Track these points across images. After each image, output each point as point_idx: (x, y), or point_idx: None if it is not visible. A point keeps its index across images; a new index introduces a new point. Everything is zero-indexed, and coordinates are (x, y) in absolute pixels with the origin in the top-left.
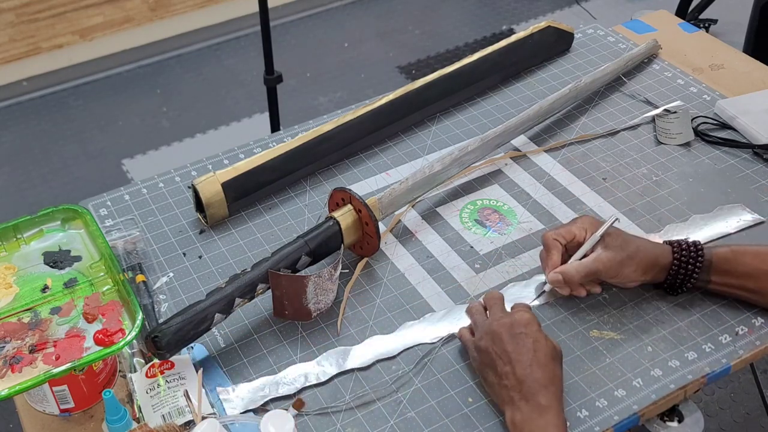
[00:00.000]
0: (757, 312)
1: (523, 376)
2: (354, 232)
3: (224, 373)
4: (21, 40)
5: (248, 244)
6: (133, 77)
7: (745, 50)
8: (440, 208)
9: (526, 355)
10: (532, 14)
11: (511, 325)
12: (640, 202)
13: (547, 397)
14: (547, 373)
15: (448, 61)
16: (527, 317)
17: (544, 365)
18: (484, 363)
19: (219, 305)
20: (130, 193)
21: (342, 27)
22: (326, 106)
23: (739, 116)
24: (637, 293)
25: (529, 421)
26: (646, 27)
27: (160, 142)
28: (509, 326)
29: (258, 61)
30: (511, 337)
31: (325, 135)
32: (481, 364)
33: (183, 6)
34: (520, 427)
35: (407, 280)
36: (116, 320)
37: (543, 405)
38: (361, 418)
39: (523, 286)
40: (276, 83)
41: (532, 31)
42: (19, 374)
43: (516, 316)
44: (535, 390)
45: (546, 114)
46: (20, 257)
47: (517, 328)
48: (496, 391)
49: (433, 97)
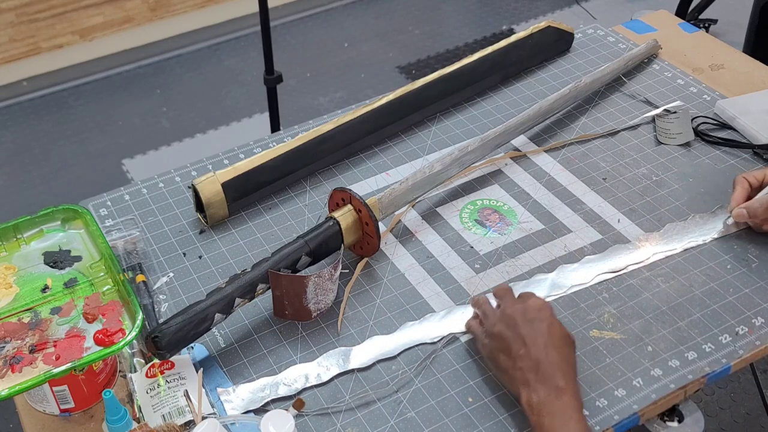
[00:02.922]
0: (757, 312)
1: (538, 357)
2: (354, 232)
3: (224, 373)
4: (21, 40)
5: (248, 244)
6: (133, 77)
7: (745, 50)
8: (440, 208)
9: (541, 338)
10: (532, 14)
11: (525, 310)
12: (640, 202)
13: (564, 379)
14: (562, 355)
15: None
16: (540, 303)
17: (559, 348)
18: (497, 348)
19: (219, 305)
20: (130, 193)
21: (342, 27)
22: (326, 106)
23: (739, 116)
24: (637, 293)
25: (547, 402)
26: (646, 27)
27: (160, 142)
28: (523, 311)
29: (258, 61)
30: (526, 321)
31: (325, 135)
32: (493, 351)
33: (183, 6)
34: (538, 409)
35: (407, 280)
36: (116, 320)
37: (560, 387)
38: (361, 418)
39: (523, 285)
40: (276, 83)
41: (532, 31)
42: (19, 374)
43: (529, 302)
44: (551, 372)
45: (546, 114)
46: (20, 257)
47: (531, 312)
48: (510, 375)
49: (433, 97)
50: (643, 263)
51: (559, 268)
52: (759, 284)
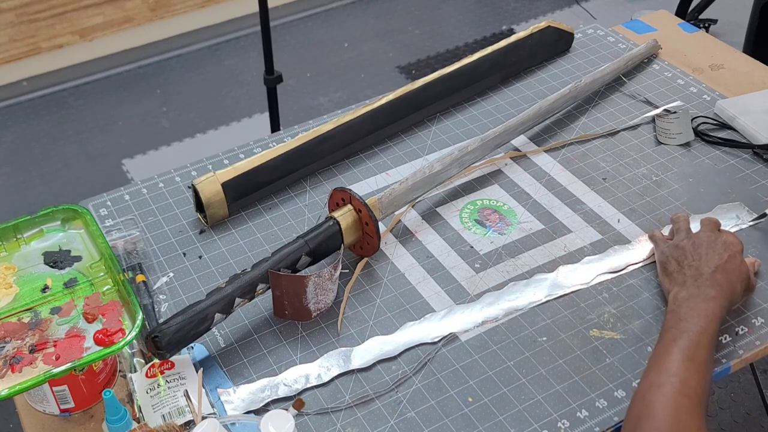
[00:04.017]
0: (757, 312)
1: (704, 271)
2: (354, 232)
3: (224, 373)
4: (21, 40)
5: (248, 244)
6: (133, 77)
7: (745, 50)
8: (440, 208)
9: (717, 261)
10: (532, 14)
11: (716, 239)
12: (640, 202)
13: (718, 293)
14: (728, 280)
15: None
16: (734, 239)
17: (729, 276)
18: (672, 256)
19: (219, 305)
20: (130, 193)
21: (342, 27)
22: (326, 106)
23: (739, 116)
24: (637, 293)
25: (693, 298)
26: (646, 27)
27: (160, 142)
28: (713, 239)
29: (258, 61)
30: (711, 246)
31: (325, 135)
32: (668, 257)
33: (183, 6)
34: (680, 302)
35: (407, 280)
36: (116, 320)
37: (711, 295)
38: (361, 418)
39: (524, 285)
40: (276, 83)
41: (532, 31)
42: (19, 374)
43: (724, 236)
44: (710, 284)
45: (546, 114)
46: (20, 257)
47: (720, 243)
48: (672, 278)
49: (433, 97)
50: (642, 263)
51: (559, 268)
52: (759, 284)
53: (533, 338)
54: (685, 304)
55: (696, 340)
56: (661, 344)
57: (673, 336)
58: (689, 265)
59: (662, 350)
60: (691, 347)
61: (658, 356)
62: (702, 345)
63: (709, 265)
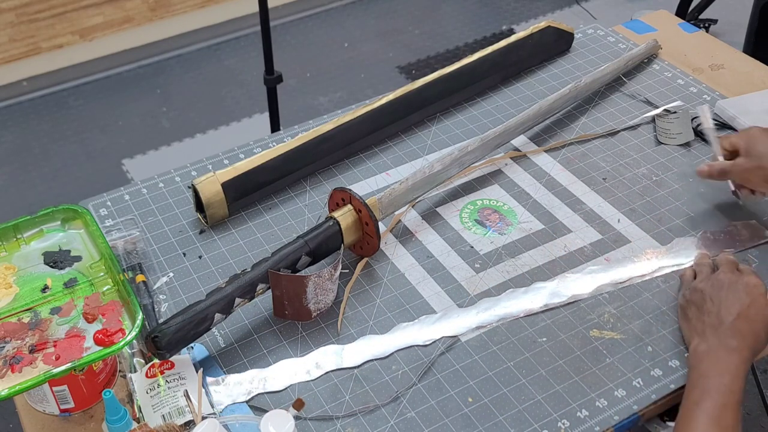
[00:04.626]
0: None
1: (725, 319)
2: (354, 232)
3: (224, 373)
4: (21, 40)
5: (248, 244)
6: (133, 77)
7: (745, 50)
8: (440, 208)
9: (737, 308)
10: (532, 14)
11: (737, 281)
12: (640, 202)
13: (741, 344)
14: (751, 328)
15: (448, 61)
16: (755, 281)
17: (752, 322)
18: (691, 301)
19: (219, 305)
20: (130, 193)
21: (342, 27)
22: (326, 106)
23: (739, 116)
24: (637, 293)
25: (713, 352)
26: (646, 27)
27: (160, 142)
28: (734, 281)
29: (258, 61)
30: (731, 289)
31: (325, 135)
32: (687, 302)
33: (183, 6)
34: (701, 357)
35: (407, 280)
36: (116, 320)
37: (732, 346)
38: (361, 418)
39: (522, 292)
40: (276, 83)
41: (532, 31)
42: (19, 374)
43: (745, 277)
44: (731, 334)
45: (546, 114)
46: (20, 257)
47: (741, 286)
48: (692, 325)
49: (433, 97)
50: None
51: (560, 276)
52: None
53: (533, 339)
54: (706, 358)
55: (721, 401)
56: (685, 407)
57: (696, 398)
58: (709, 311)
59: (687, 414)
60: (717, 409)
61: (684, 421)
62: (728, 406)
63: (731, 312)
